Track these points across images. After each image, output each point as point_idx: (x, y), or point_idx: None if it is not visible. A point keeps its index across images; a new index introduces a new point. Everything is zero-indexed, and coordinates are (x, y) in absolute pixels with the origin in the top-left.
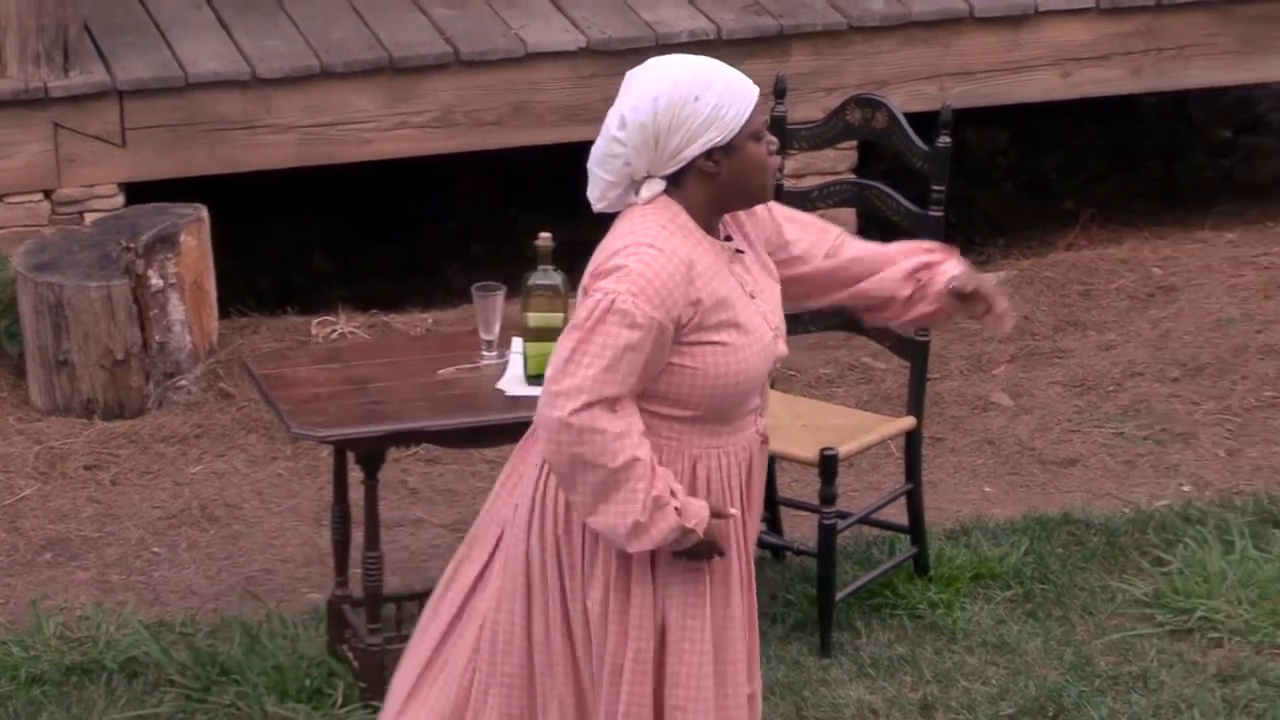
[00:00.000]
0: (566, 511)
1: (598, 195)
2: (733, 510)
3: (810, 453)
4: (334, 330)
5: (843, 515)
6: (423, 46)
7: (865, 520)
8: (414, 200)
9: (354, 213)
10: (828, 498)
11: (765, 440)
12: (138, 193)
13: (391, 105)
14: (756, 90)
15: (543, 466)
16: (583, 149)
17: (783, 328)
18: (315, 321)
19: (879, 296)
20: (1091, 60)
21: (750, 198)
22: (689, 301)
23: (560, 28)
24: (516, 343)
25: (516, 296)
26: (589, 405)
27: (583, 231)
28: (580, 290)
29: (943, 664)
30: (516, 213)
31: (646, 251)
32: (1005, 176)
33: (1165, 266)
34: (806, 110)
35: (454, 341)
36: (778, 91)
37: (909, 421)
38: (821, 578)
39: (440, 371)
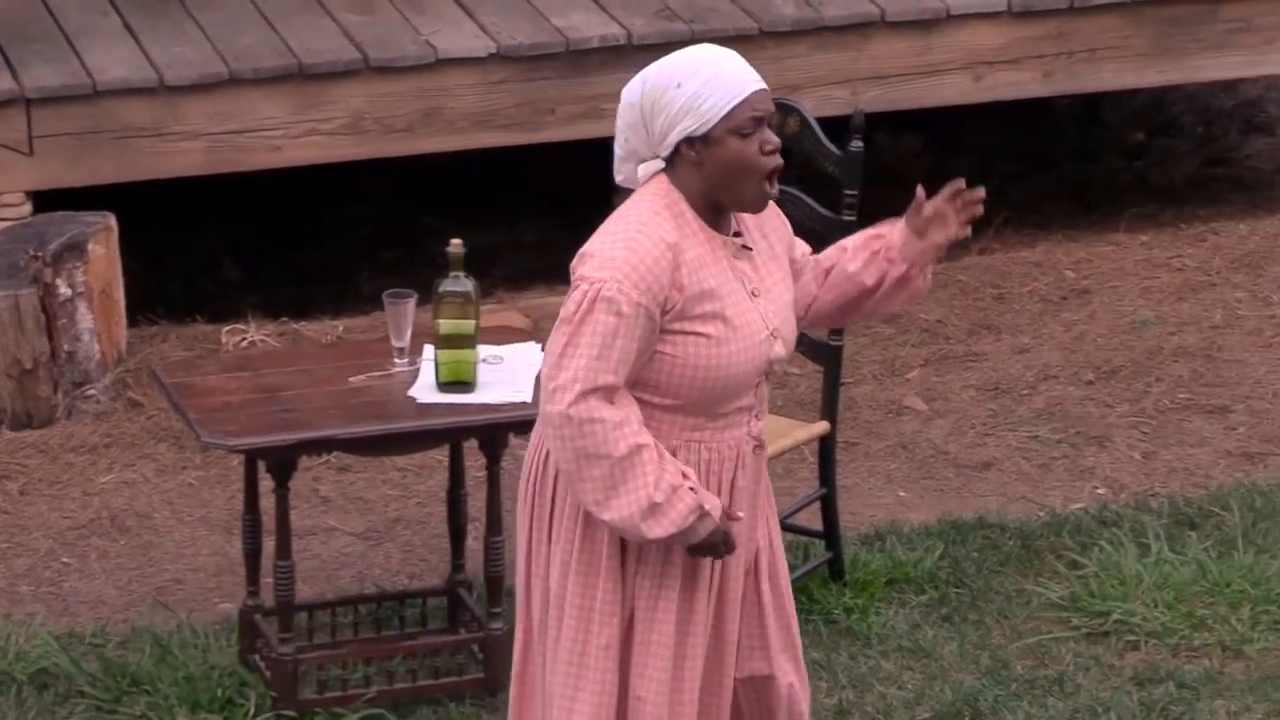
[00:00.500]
0: (541, 490)
1: (615, 169)
2: (740, 514)
3: None
4: (244, 338)
5: None
6: (332, 53)
7: (780, 525)
8: (324, 207)
9: (264, 220)
10: None
11: (760, 445)
12: (45, 201)
13: (301, 112)
14: (751, 88)
15: (538, 448)
16: (493, 155)
17: (786, 331)
18: (225, 330)
19: (849, 294)
20: (1004, 64)
21: (739, 197)
22: (673, 286)
23: (470, 34)
24: (428, 349)
25: (428, 303)
26: (584, 395)
27: (494, 237)
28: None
29: (858, 669)
30: (428, 219)
31: (633, 237)
32: (918, 180)
33: (1079, 269)
34: None
35: (365, 349)
36: None
37: (823, 426)
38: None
39: (351, 379)
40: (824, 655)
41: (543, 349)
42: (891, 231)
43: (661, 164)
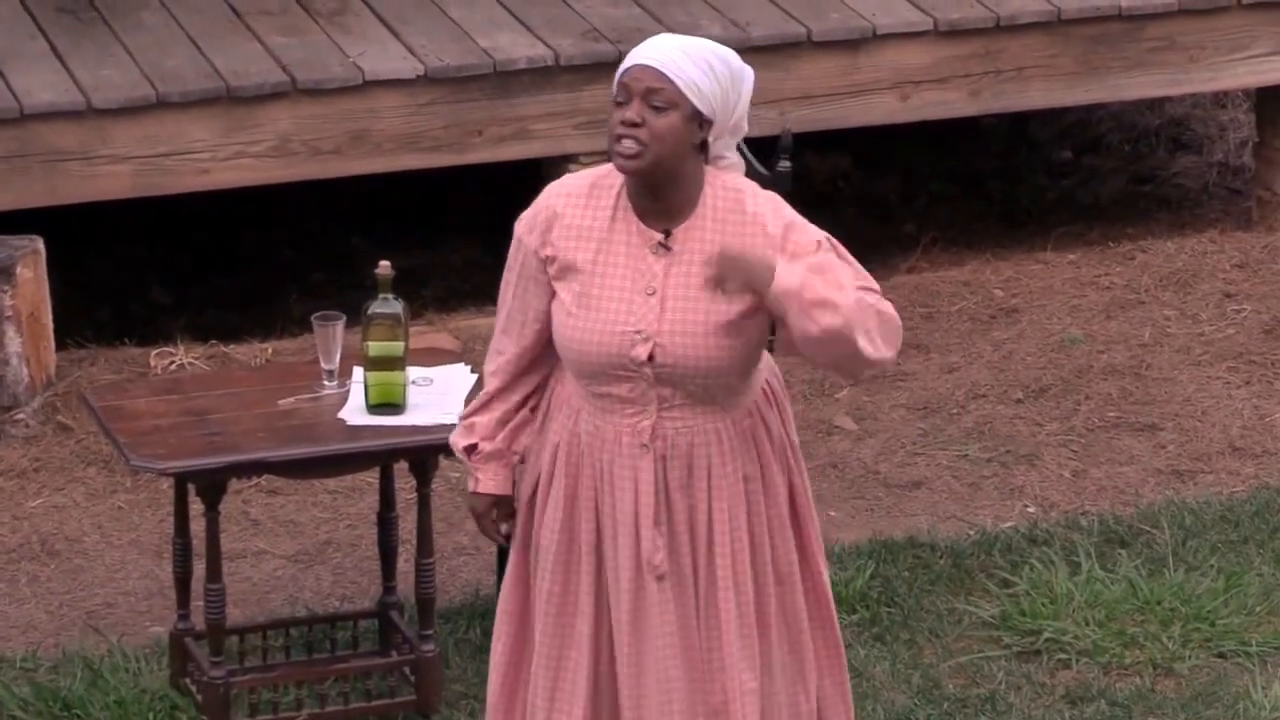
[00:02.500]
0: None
1: None
2: (503, 528)
3: None
4: (173, 361)
5: None
6: (259, 75)
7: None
8: (252, 230)
9: (192, 243)
10: None
11: (645, 445)
12: None
13: (229, 134)
14: (630, 62)
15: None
16: (421, 176)
17: (670, 342)
18: (154, 353)
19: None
20: (930, 83)
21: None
22: (545, 243)
23: (398, 55)
24: (357, 372)
25: (357, 325)
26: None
27: (422, 259)
28: None
29: None
30: (355, 241)
31: (543, 192)
32: (846, 200)
33: (1007, 288)
34: None
35: (294, 371)
36: None
37: None
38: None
39: (281, 401)
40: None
41: (472, 370)
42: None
43: None
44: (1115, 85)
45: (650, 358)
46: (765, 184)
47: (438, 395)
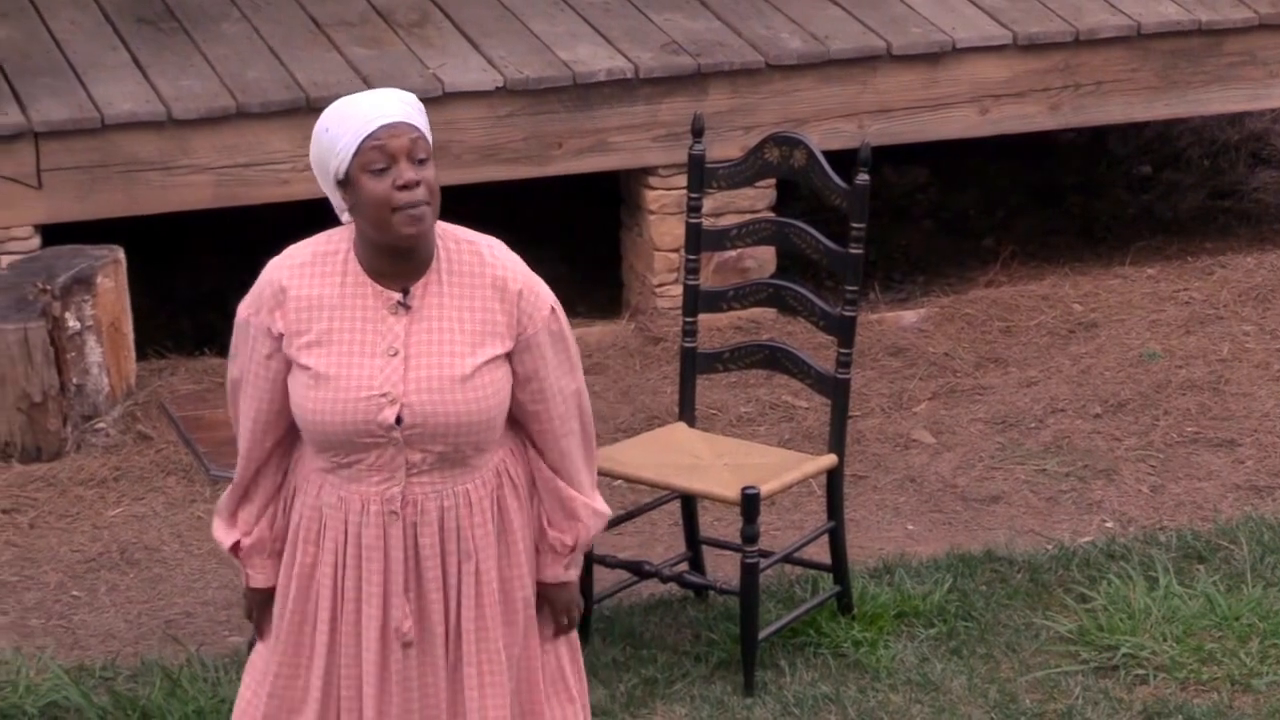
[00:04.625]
0: None
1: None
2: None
3: (732, 491)
4: None
5: (765, 554)
6: (339, 86)
7: (788, 559)
8: None
9: (271, 253)
10: (750, 536)
11: (395, 512)
12: (54, 234)
13: (308, 145)
14: (376, 124)
15: None
16: (500, 188)
17: (418, 400)
18: None
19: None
20: (1010, 97)
21: (380, 233)
22: (275, 321)
23: (478, 67)
24: None
25: None
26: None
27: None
28: None
29: (867, 703)
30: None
31: (266, 267)
32: (925, 214)
33: (1086, 302)
34: (724, 149)
35: None
36: (695, 130)
37: (830, 459)
38: (744, 617)
39: None
40: (832, 689)
41: None
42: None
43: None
44: (1195, 100)
45: (398, 420)
46: (844, 197)
47: None
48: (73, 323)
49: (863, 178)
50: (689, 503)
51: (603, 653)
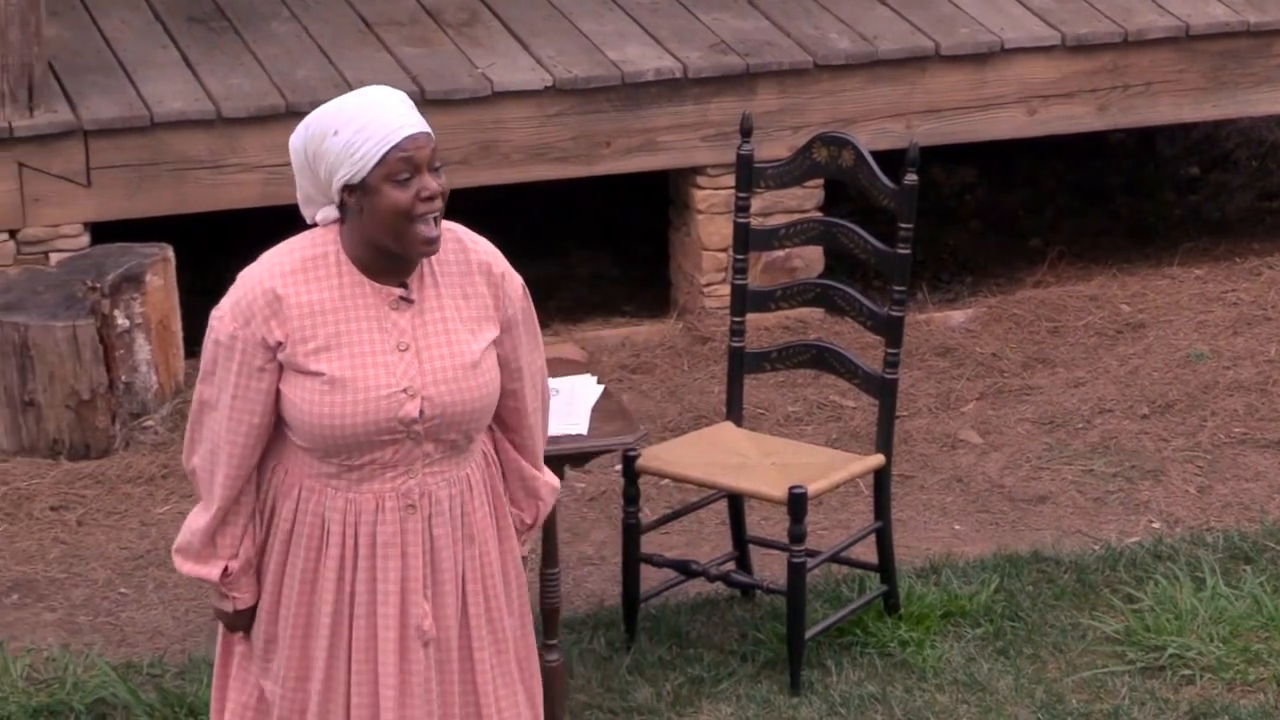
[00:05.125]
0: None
1: (303, 212)
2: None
3: (779, 491)
4: None
5: (812, 553)
6: (388, 84)
7: (835, 558)
8: None
9: None
10: (797, 536)
11: (412, 505)
12: (103, 232)
13: None
14: (404, 133)
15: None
16: (548, 187)
17: (434, 391)
18: None
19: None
20: (1058, 97)
21: (395, 242)
22: (270, 331)
23: (526, 67)
24: None
25: None
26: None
27: (549, 270)
28: None
29: (913, 702)
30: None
31: (248, 273)
32: (973, 214)
33: (1134, 303)
34: (773, 149)
35: None
36: (744, 130)
37: (878, 459)
38: (791, 616)
39: None
40: (879, 688)
41: (598, 381)
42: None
43: (335, 211)
44: (1243, 101)
45: (420, 413)
46: (892, 197)
47: (564, 405)
48: (122, 320)
49: (911, 178)
50: (736, 502)
51: (649, 652)
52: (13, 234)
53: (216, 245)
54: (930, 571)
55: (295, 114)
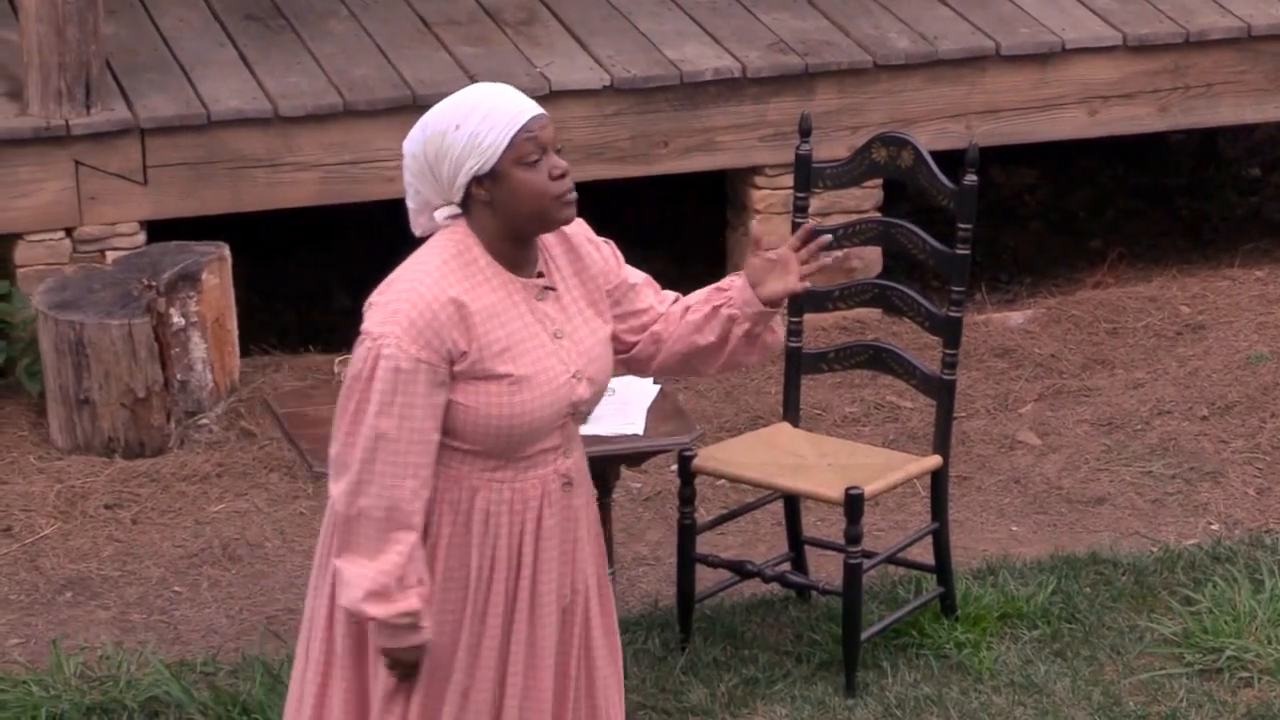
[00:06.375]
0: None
1: (411, 222)
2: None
3: (836, 492)
4: None
5: (868, 554)
6: (446, 85)
7: (891, 559)
8: None
9: (376, 251)
10: (853, 537)
11: (570, 482)
12: (159, 230)
13: None
14: (525, 115)
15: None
16: (606, 187)
17: (592, 370)
18: (337, 360)
19: (692, 350)
20: (1119, 98)
21: (537, 223)
22: (455, 343)
23: (584, 66)
24: None
25: None
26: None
27: None
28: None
29: (969, 704)
30: None
31: (415, 290)
32: (1032, 215)
33: (1193, 304)
34: (832, 149)
35: None
36: (803, 130)
37: (935, 460)
38: (847, 617)
39: None
40: (935, 690)
41: (654, 381)
42: (734, 284)
43: (457, 210)
44: None
45: (587, 393)
46: (951, 198)
47: (619, 405)
48: (177, 319)
49: (970, 178)
50: (792, 503)
51: (704, 652)
52: (69, 232)
53: (272, 244)
54: (987, 573)
55: (352, 113)
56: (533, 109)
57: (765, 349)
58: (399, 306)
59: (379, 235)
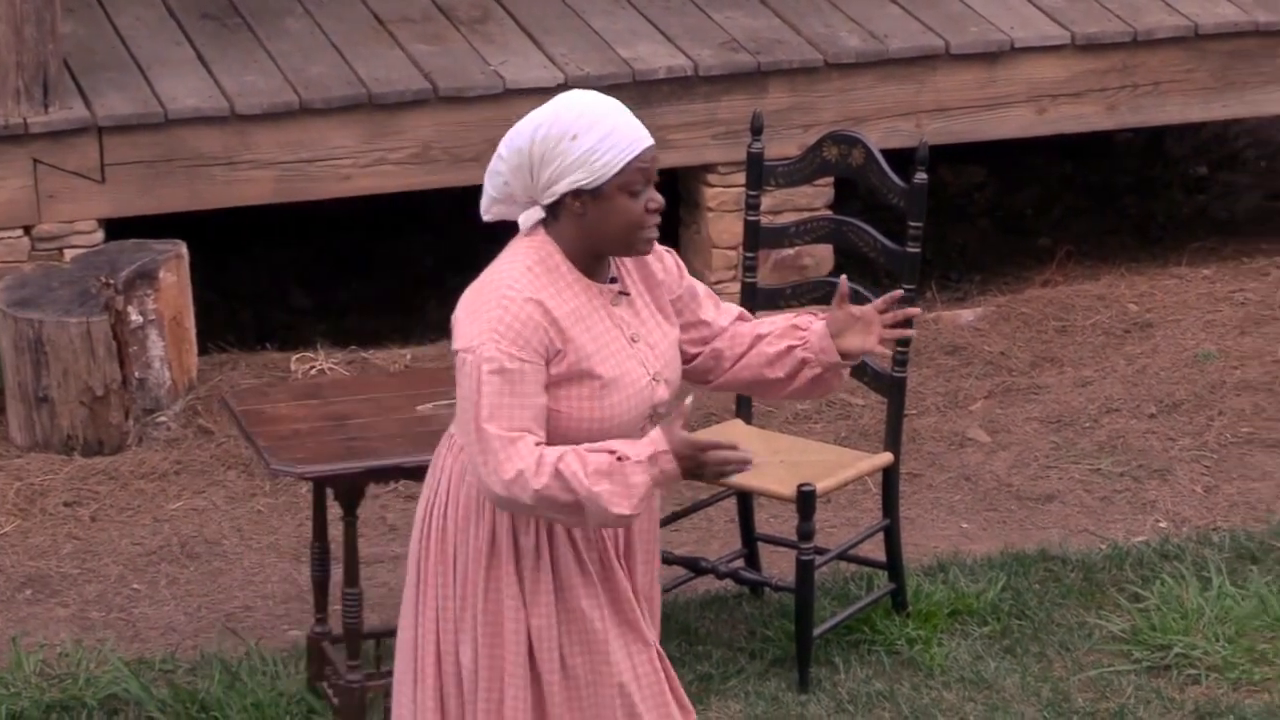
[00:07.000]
0: (443, 548)
1: (484, 207)
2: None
3: (788, 489)
4: (313, 366)
5: (820, 551)
6: (402, 83)
7: (843, 556)
8: (392, 236)
9: (332, 249)
10: (805, 534)
11: None
12: (117, 229)
13: (370, 141)
14: (643, 146)
15: (437, 491)
16: None
17: (669, 373)
18: (294, 358)
19: (760, 379)
20: (1067, 97)
21: (619, 249)
22: (552, 342)
23: (538, 64)
24: None
25: None
26: (527, 473)
27: None
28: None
29: (920, 700)
30: (494, 248)
31: (504, 296)
32: (982, 213)
33: (1141, 303)
34: (783, 147)
35: (433, 377)
36: (754, 128)
37: (886, 458)
38: (799, 614)
39: (419, 407)
40: (886, 686)
41: None
42: (812, 327)
43: (541, 212)
44: (1252, 101)
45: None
46: (901, 196)
47: None
48: (135, 317)
49: (920, 176)
50: (745, 499)
51: None
52: (27, 230)
53: (230, 242)
54: (938, 569)
55: (309, 111)
56: (648, 138)
57: (827, 392)
58: (490, 314)
59: (336, 233)
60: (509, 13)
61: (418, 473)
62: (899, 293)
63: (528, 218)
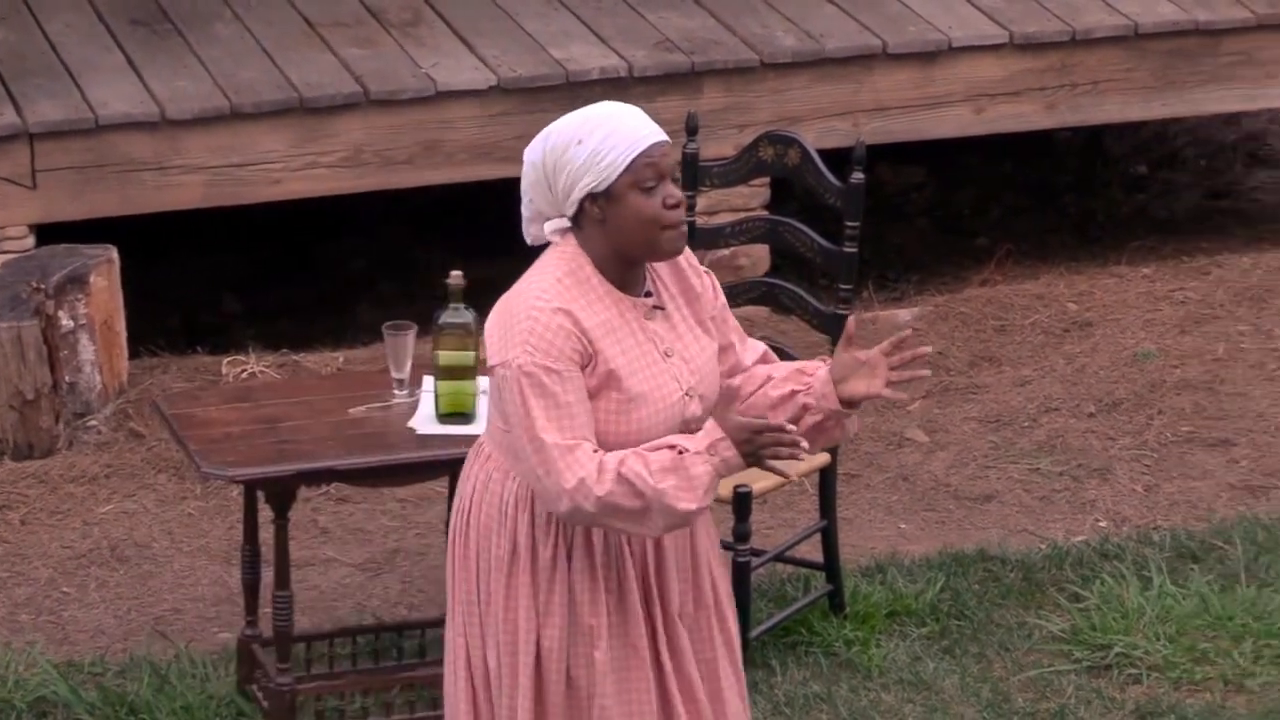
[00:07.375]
0: (467, 554)
1: (524, 231)
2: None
3: (724, 490)
4: (244, 370)
5: (757, 553)
6: (332, 86)
7: (780, 558)
8: (323, 239)
9: (264, 252)
10: (741, 535)
11: None
12: (48, 234)
13: (301, 145)
14: (650, 140)
15: (471, 495)
16: (492, 187)
17: (704, 388)
18: (226, 361)
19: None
20: (1005, 96)
21: (645, 250)
22: (585, 349)
23: (470, 66)
24: (428, 381)
25: (428, 335)
26: (589, 481)
27: (493, 270)
28: (488, 327)
29: (859, 702)
30: (426, 251)
31: (533, 308)
32: (919, 212)
33: (1081, 302)
34: (719, 147)
35: (365, 380)
36: (689, 129)
37: (823, 458)
38: (736, 615)
39: (351, 410)
40: (824, 688)
41: None
42: (817, 373)
43: (567, 223)
44: (1191, 100)
45: (700, 411)
46: (838, 196)
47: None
48: (66, 321)
49: (857, 176)
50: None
51: None
52: None
53: (160, 246)
54: (876, 570)
55: (239, 115)
56: (657, 134)
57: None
58: (521, 326)
59: (267, 237)
60: (440, 15)
61: (349, 476)
62: (908, 333)
63: (552, 227)
